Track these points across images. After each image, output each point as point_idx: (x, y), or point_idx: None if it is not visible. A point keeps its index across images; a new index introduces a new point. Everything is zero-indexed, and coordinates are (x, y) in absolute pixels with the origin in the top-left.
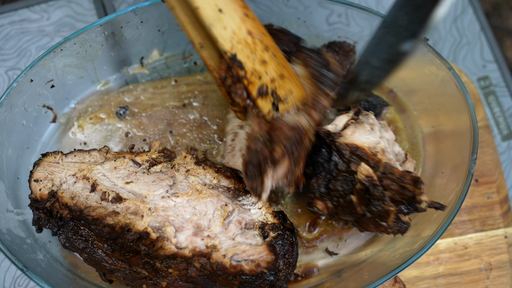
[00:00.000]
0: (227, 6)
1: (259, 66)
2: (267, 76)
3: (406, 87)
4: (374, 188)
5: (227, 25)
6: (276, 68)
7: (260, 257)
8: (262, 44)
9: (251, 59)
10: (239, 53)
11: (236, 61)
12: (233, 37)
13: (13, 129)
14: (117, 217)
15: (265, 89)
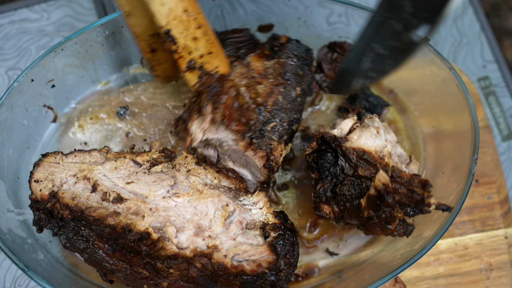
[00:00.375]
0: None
1: (191, 42)
2: (197, 52)
3: (407, 87)
4: (388, 195)
5: (165, 2)
6: (205, 45)
7: (261, 257)
8: (196, 22)
9: (184, 35)
10: (173, 28)
11: (170, 36)
12: (169, 13)
13: (13, 129)
14: (118, 218)
15: (193, 64)
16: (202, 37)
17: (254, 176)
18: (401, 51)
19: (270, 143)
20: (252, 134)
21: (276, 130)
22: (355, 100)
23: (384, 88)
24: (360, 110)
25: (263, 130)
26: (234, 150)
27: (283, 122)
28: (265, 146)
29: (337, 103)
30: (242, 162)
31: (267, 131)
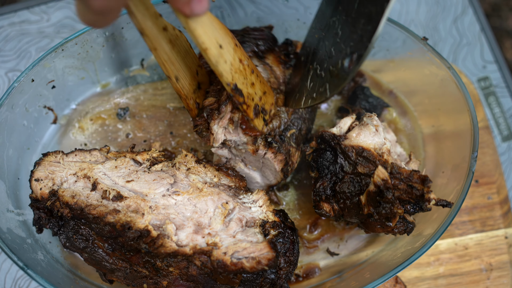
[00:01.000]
0: (224, 41)
1: (251, 89)
2: (256, 96)
3: (406, 87)
4: (387, 191)
5: (227, 59)
6: (260, 87)
7: (260, 254)
8: (249, 68)
9: (245, 85)
10: (237, 81)
11: (237, 90)
12: (231, 68)
13: (14, 129)
14: (117, 215)
15: (258, 109)
16: (256, 81)
17: (265, 179)
18: (335, 77)
19: (289, 149)
20: (272, 139)
21: (294, 137)
22: (355, 101)
23: (383, 89)
24: (360, 110)
25: (283, 135)
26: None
27: (301, 131)
28: (285, 151)
29: (336, 104)
30: (257, 164)
31: (286, 137)
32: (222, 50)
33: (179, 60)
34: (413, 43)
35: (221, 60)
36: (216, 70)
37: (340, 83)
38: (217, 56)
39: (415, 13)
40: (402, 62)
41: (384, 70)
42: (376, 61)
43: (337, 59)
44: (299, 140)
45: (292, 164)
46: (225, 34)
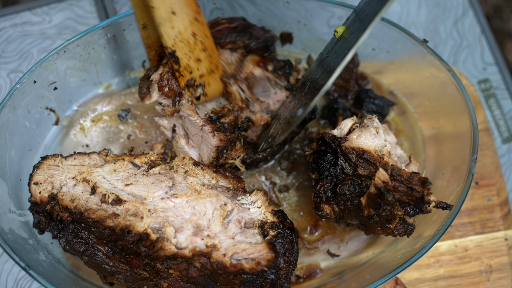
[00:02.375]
0: (180, 9)
1: (194, 63)
2: (197, 72)
3: (406, 89)
4: (388, 193)
5: (175, 26)
6: (207, 66)
7: (260, 255)
8: (202, 44)
9: (188, 57)
10: (179, 50)
11: (174, 57)
12: (177, 36)
13: (16, 130)
14: (117, 219)
15: (192, 82)
16: (205, 59)
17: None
18: (287, 124)
19: (235, 141)
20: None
21: (244, 139)
22: (361, 104)
23: (384, 91)
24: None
25: (235, 127)
26: (192, 122)
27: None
28: (229, 137)
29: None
30: (197, 139)
31: (238, 132)
32: (174, 16)
33: None
34: (413, 45)
35: (166, 24)
36: (158, 29)
37: (288, 127)
38: (163, 18)
39: (416, 15)
40: (402, 64)
41: (385, 72)
42: (376, 62)
43: (294, 110)
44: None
45: (230, 153)
46: (186, 4)
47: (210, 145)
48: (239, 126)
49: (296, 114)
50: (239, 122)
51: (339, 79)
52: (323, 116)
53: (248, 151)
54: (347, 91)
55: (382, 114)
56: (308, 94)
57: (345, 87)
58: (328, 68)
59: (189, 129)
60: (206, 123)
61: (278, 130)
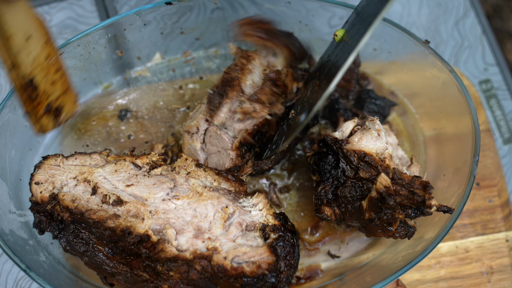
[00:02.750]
0: (34, 33)
1: (50, 86)
2: (54, 95)
3: (408, 90)
4: (389, 197)
5: (31, 52)
6: (62, 86)
7: (261, 258)
8: (55, 66)
9: (44, 81)
10: (36, 76)
11: (32, 85)
12: (33, 62)
13: (16, 130)
14: (118, 220)
15: (50, 107)
16: (59, 80)
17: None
18: (290, 130)
19: (248, 161)
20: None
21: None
22: (363, 105)
23: (385, 91)
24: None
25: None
26: (222, 140)
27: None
28: (245, 159)
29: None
30: (212, 149)
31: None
32: (30, 41)
33: None
34: (414, 45)
35: (24, 51)
36: (15, 59)
37: (291, 133)
38: (20, 46)
39: (417, 15)
40: (403, 64)
41: (386, 72)
42: (378, 63)
43: (297, 116)
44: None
45: (240, 174)
46: (38, 26)
47: (223, 163)
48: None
49: (299, 119)
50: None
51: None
52: (324, 116)
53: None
54: (348, 92)
55: (383, 115)
56: (310, 99)
57: (346, 88)
58: (330, 71)
59: (211, 138)
60: (235, 149)
61: (282, 136)
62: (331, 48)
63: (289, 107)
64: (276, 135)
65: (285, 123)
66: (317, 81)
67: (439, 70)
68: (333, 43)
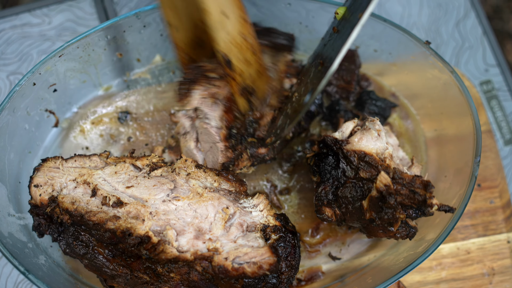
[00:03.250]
0: (230, 11)
1: (244, 66)
2: (249, 76)
3: (409, 91)
4: (390, 196)
5: (227, 29)
6: (256, 69)
7: (262, 259)
8: (251, 47)
9: (239, 60)
10: (232, 54)
11: (229, 62)
12: (231, 40)
13: (15, 133)
14: (118, 222)
15: (247, 89)
16: (254, 62)
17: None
18: (295, 112)
19: (242, 153)
20: (235, 132)
21: (251, 147)
22: (363, 106)
23: (386, 92)
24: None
25: (244, 138)
26: (210, 134)
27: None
28: (237, 152)
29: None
30: (206, 146)
31: (246, 142)
32: (226, 18)
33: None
34: (415, 46)
35: (219, 27)
36: (212, 34)
37: (296, 115)
38: (217, 22)
39: (417, 16)
40: (404, 66)
41: (387, 73)
42: (379, 64)
43: (301, 97)
44: (256, 156)
45: (237, 167)
46: (235, 5)
47: (216, 159)
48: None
49: (304, 100)
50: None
51: (340, 80)
52: (324, 117)
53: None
54: (349, 93)
55: (384, 116)
56: (314, 79)
57: (347, 89)
58: (333, 49)
59: (201, 134)
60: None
61: (286, 121)
62: (331, 27)
63: None
64: (280, 120)
65: (289, 107)
66: (321, 60)
67: (440, 71)
68: (334, 22)
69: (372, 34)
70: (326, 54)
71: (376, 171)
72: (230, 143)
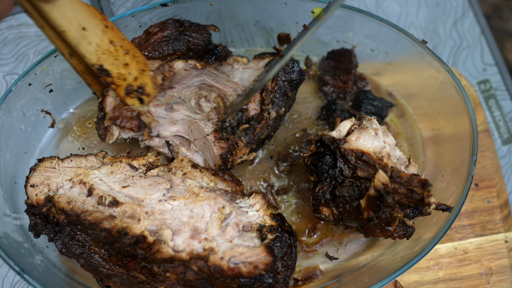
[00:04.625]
0: (89, 23)
1: (123, 69)
2: (130, 76)
3: (406, 91)
4: (388, 195)
5: (91, 41)
6: (136, 66)
7: (258, 259)
8: (122, 49)
9: (115, 65)
10: (105, 62)
11: (104, 71)
12: (97, 49)
13: (11, 133)
14: (113, 221)
15: (130, 88)
16: (131, 61)
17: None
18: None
19: (237, 142)
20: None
21: (246, 133)
22: (360, 106)
23: (383, 92)
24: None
25: (234, 127)
26: (199, 128)
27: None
28: (231, 141)
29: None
30: (199, 145)
31: (238, 130)
32: (86, 32)
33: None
34: (412, 46)
35: (83, 42)
36: (78, 51)
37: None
38: (78, 38)
39: (415, 15)
40: (401, 65)
41: (383, 73)
42: (375, 63)
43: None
44: (253, 139)
45: (236, 156)
46: (91, 16)
47: (213, 153)
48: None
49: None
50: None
51: (337, 80)
52: (321, 117)
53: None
54: (346, 93)
55: (381, 116)
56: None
57: (344, 88)
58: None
59: (192, 133)
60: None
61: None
62: None
63: None
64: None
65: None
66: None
67: (436, 71)
68: None
69: (368, 33)
70: None
71: (373, 170)
72: (219, 134)
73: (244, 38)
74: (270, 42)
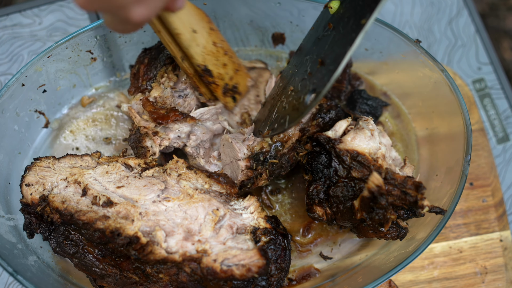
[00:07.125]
0: (198, 26)
1: (222, 69)
2: (227, 76)
3: (400, 90)
4: (381, 197)
5: (199, 43)
6: (232, 67)
7: (251, 261)
8: (222, 50)
9: (216, 65)
10: (208, 63)
11: (207, 71)
12: (203, 51)
13: (4, 134)
14: (107, 222)
15: (227, 87)
16: (228, 61)
17: None
18: (295, 111)
19: (262, 173)
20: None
21: (274, 168)
22: (354, 105)
23: (377, 91)
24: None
25: (266, 160)
26: (233, 149)
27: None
28: (257, 171)
29: None
30: (225, 159)
31: (268, 163)
32: (196, 34)
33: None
34: (406, 45)
35: (193, 44)
36: (187, 52)
37: (298, 116)
38: (190, 40)
39: (410, 14)
40: (395, 64)
41: (378, 72)
42: (370, 63)
43: (300, 94)
44: (272, 173)
45: (254, 185)
46: (200, 19)
47: (235, 176)
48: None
49: (304, 100)
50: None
51: None
52: None
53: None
54: (340, 92)
55: (376, 115)
56: (314, 79)
57: (338, 88)
58: (333, 50)
59: (223, 147)
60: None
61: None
62: (325, 20)
63: None
64: (275, 113)
65: (284, 100)
66: (319, 58)
67: (430, 70)
68: (326, 15)
69: None
70: (323, 51)
71: (368, 171)
72: (251, 163)
73: (239, 38)
74: (265, 41)
